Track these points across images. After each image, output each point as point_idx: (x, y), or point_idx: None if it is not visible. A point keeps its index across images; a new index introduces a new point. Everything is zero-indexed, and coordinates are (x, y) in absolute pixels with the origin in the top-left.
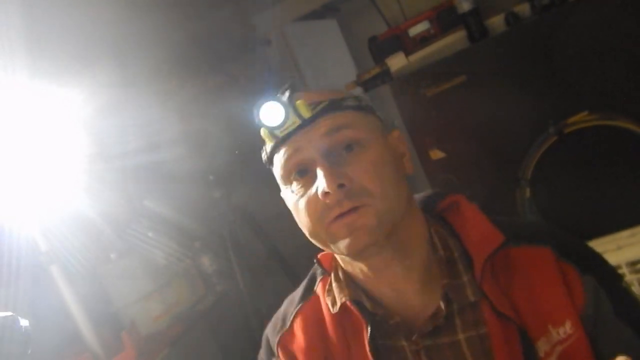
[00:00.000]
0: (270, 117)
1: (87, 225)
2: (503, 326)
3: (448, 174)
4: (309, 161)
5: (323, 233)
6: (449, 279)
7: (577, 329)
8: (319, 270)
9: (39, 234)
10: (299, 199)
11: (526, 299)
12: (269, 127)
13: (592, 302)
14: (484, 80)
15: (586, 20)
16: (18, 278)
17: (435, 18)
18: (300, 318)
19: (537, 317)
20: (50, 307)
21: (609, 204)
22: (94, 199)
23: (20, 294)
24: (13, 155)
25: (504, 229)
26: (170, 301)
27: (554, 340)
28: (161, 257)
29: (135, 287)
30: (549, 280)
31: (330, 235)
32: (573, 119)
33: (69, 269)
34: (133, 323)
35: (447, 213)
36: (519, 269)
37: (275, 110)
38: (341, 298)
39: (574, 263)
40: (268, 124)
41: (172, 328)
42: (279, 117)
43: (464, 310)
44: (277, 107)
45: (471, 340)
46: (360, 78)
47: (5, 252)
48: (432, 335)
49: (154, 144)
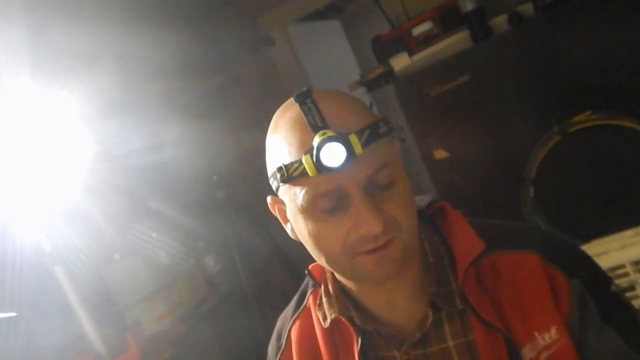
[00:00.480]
0: (330, 159)
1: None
2: (488, 333)
3: (452, 173)
4: (344, 194)
5: (346, 264)
6: (438, 287)
7: (562, 335)
8: (310, 282)
9: (42, 235)
10: (324, 227)
11: (512, 305)
12: (328, 167)
13: (577, 307)
14: (487, 80)
15: (590, 19)
16: (22, 278)
17: (438, 18)
18: (294, 333)
19: (523, 324)
20: (54, 308)
21: (613, 203)
22: (97, 200)
23: (24, 294)
24: (16, 156)
25: (492, 234)
26: (174, 301)
27: (539, 346)
28: (165, 257)
29: (139, 287)
30: (535, 286)
31: (352, 267)
32: (577, 118)
33: (73, 269)
34: (137, 323)
35: (436, 218)
36: (505, 275)
37: (337, 151)
38: (331, 314)
39: (561, 268)
40: (329, 165)
41: (176, 328)
42: (340, 159)
43: (452, 317)
44: (339, 148)
45: (460, 346)
46: (363, 78)
47: (9, 253)
48: (423, 343)
49: (157, 144)
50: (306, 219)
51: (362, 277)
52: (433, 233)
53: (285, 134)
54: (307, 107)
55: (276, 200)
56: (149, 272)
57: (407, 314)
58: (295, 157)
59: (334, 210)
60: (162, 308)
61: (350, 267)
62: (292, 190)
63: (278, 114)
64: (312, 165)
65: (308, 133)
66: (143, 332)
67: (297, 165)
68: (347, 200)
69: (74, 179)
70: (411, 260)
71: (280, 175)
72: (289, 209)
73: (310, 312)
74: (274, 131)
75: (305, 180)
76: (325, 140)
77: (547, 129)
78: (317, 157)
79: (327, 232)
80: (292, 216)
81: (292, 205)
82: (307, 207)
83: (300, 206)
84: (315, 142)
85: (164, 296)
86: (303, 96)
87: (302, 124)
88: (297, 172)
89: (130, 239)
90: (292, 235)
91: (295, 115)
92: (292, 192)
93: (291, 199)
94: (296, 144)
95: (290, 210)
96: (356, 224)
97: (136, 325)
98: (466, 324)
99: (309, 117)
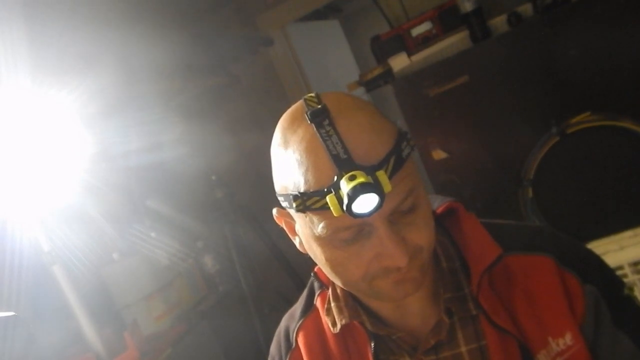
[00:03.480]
0: (362, 207)
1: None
2: (502, 339)
3: (450, 174)
4: (366, 224)
5: (365, 288)
6: (452, 292)
7: (577, 341)
8: (317, 283)
9: (41, 234)
10: (343, 255)
11: (526, 311)
12: (358, 215)
13: (592, 312)
14: (486, 81)
15: (589, 20)
16: (21, 278)
17: (437, 18)
18: (303, 334)
19: (537, 329)
20: (53, 307)
21: (612, 204)
22: (97, 199)
23: (22, 294)
24: (16, 155)
25: (504, 236)
26: (173, 301)
27: (553, 352)
28: (164, 257)
29: (138, 287)
30: (549, 291)
31: (371, 290)
32: (576, 119)
33: (72, 268)
34: (135, 323)
35: (444, 220)
36: (518, 280)
37: (369, 200)
38: (341, 320)
39: (576, 272)
40: (360, 212)
41: (175, 328)
42: (371, 206)
43: (465, 322)
44: (372, 198)
45: (473, 352)
46: (362, 78)
47: (8, 252)
48: (435, 349)
49: (156, 144)
50: (323, 246)
51: (381, 297)
52: (443, 235)
53: (300, 156)
54: (326, 132)
55: (284, 214)
56: (147, 272)
57: (420, 319)
58: (314, 187)
59: (354, 240)
60: (160, 308)
61: (369, 289)
62: (309, 218)
63: (286, 127)
64: (337, 206)
65: (328, 164)
66: (142, 332)
67: (317, 199)
68: (369, 229)
69: (73, 178)
70: (427, 272)
71: (297, 204)
72: (301, 230)
73: (319, 314)
74: (284, 146)
75: (325, 214)
76: (357, 191)
77: (546, 129)
78: (349, 206)
79: (346, 260)
80: (305, 239)
81: (306, 230)
82: (325, 237)
83: (317, 235)
84: (344, 186)
85: (163, 296)
86: (319, 117)
87: (319, 151)
88: (318, 206)
89: (129, 239)
90: (300, 249)
91: (310, 136)
92: (308, 219)
93: (306, 224)
94: (315, 174)
95: (303, 233)
96: (379, 255)
97: (135, 325)
98: (479, 329)
99: (329, 145)
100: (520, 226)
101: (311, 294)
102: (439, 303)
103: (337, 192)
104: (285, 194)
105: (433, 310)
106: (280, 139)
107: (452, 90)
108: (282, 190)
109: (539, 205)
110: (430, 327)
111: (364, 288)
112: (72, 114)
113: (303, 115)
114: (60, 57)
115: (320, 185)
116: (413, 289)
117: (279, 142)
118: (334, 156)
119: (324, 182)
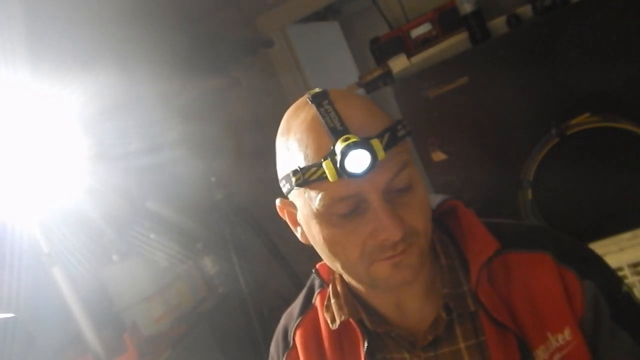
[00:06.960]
0: (355, 165)
1: (89, 227)
2: (500, 334)
3: (450, 175)
4: (362, 200)
5: (363, 270)
6: (450, 289)
7: (575, 336)
8: (317, 281)
9: (41, 235)
10: (340, 233)
11: (525, 306)
12: (351, 174)
13: (591, 308)
14: (486, 82)
15: (588, 21)
16: (20, 279)
17: (437, 20)
18: (300, 333)
19: (535, 325)
20: (52, 309)
21: (611, 205)
22: (96, 200)
23: (22, 295)
24: (15, 156)
25: (502, 234)
26: (172, 302)
27: (552, 347)
28: (163, 258)
29: (137, 288)
30: (548, 287)
31: (369, 274)
32: (575, 120)
33: (71, 270)
34: (135, 324)
35: (445, 217)
36: (517, 276)
37: (361, 158)
38: (340, 316)
39: (574, 268)
40: (353, 171)
41: (174, 329)
42: (364, 165)
43: (464, 319)
44: (364, 155)
45: (472, 348)
46: (362, 79)
47: (8, 254)
48: (434, 345)
49: (156, 146)
50: (321, 224)
51: (379, 283)
52: (442, 233)
53: (301, 136)
54: (325, 109)
55: (286, 203)
56: (147, 273)
57: (418, 316)
58: (313, 160)
59: (350, 215)
60: (160, 309)
61: (367, 273)
62: (307, 194)
63: (290, 115)
64: (333, 170)
65: (326, 136)
66: (141, 333)
67: (315, 169)
68: (365, 206)
69: (73, 179)
70: (425, 264)
71: (296, 178)
72: (301, 213)
73: (317, 312)
74: (286, 133)
75: (322, 185)
76: (350, 147)
77: (545, 131)
78: (342, 163)
79: (343, 238)
80: (304, 220)
81: (305, 210)
82: (323, 211)
83: (315, 210)
84: (339, 148)
85: (162, 297)
86: (319, 97)
87: (319, 127)
88: (315, 176)
89: (128, 241)
90: (302, 239)
91: (311, 117)
92: (307, 196)
93: (305, 202)
94: (314, 147)
95: (302, 214)
96: (374, 231)
97: (134, 326)
98: (478, 325)
99: (327, 120)
100: (519, 224)
101: (310, 292)
102: (437, 300)
103: (333, 157)
104: (285, 175)
105: (431, 307)
106: (284, 128)
107: (451, 92)
108: (283, 174)
109: (539, 206)
110: (428, 323)
111: (362, 271)
112: (72, 115)
113: (306, 103)
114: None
115: (318, 157)
116: (410, 276)
117: (282, 132)
118: (331, 129)
119: (322, 153)
